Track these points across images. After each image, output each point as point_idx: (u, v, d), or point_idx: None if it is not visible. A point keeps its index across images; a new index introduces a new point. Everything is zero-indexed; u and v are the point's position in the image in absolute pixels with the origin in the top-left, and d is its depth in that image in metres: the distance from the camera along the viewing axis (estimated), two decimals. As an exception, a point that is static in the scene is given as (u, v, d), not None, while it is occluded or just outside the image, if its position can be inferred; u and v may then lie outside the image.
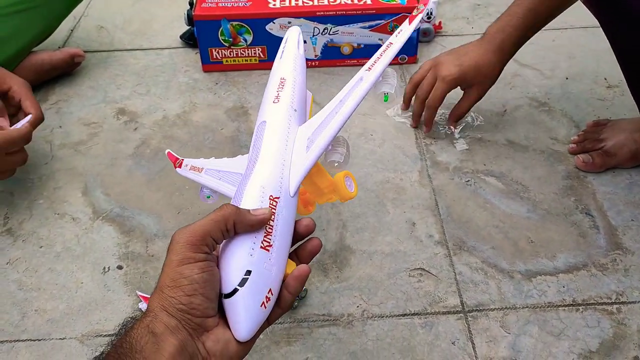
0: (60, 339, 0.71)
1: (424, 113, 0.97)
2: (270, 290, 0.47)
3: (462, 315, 0.73)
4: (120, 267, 0.79)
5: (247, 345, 0.46)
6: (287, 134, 0.56)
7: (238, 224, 0.46)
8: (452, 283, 0.76)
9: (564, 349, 0.69)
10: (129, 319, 0.44)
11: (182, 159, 0.70)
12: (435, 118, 0.97)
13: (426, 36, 1.19)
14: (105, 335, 0.71)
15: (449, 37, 1.22)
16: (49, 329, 0.72)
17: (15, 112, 0.87)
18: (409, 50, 1.13)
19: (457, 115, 0.97)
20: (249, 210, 0.48)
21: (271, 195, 0.50)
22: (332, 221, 0.84)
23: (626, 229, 0.82)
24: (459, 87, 0.95)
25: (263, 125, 0.57)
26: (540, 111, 1.03)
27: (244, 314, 0.45)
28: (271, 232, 0.49)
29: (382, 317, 0.73)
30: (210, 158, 0.67)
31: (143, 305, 0.73)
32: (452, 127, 0.98)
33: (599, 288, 0.75)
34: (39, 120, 0.86)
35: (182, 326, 0.43)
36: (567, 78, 1.09)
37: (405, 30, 0.59)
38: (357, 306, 0.74)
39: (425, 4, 0.61)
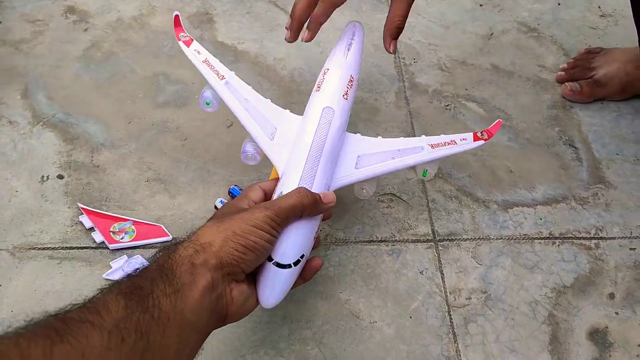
0: (-11, 250, 0.64)
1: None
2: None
3: (432, 244, 0.68)
4: (60, 177, 0.71)
5: (256, 306, 0.50)
6: (344, 134, 0.62)
7: (312, 213, 0.52)
8: (423, 210, 0.71)
9: (536, 283, 0.65)
10: (173, 242, 0.48)
11: (192, 38, 0.67)
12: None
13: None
14: (40, 248, 0.64)
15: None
16: (-24, 239, 0.65)
17: None
18: (393, -37, 1.03)
19: (393, 29, 0.66)
20: (320, 197, 0.53)
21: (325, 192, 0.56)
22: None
23: (610, 162, 0.78)
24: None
25: (330, 112, 0.60)
26: (528, 37, 0.96)
27: (282, 287, 0.50)
28: (318, 228, 0.55)
29: (347, 242, 0.67)
30: (231, 71, 0.65)
31: (84, 218, 0.66)
32: (390, 48, 0.67)
33: (577, 222, 0.71)
34: None
35: (219, 268, 0.44)
36: (559, 3, 1.02)
37: (469, 142, 0.63)
38: (320, 230, 0.68)
39: (490, 136, 0.63)
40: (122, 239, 0.65)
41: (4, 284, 0.61)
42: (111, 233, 0.65)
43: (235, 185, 0.70)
